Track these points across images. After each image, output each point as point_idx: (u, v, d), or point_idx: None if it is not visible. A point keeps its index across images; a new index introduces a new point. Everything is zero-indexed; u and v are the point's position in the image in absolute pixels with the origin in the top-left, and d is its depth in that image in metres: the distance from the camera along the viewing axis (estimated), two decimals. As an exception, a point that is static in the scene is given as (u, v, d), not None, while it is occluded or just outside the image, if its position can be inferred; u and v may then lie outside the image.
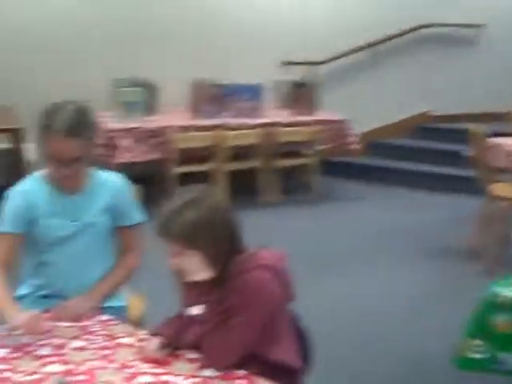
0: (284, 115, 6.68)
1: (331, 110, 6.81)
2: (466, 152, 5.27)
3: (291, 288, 2.09)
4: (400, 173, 7.35)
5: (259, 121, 6.36)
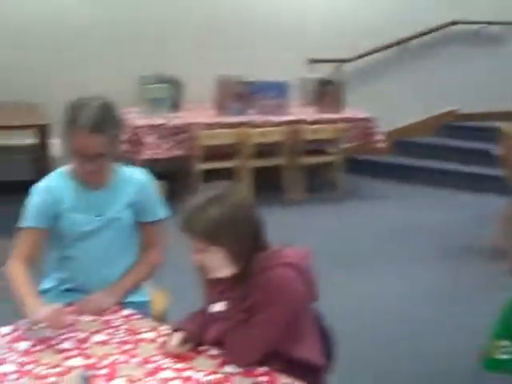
0: (310, 113, 6.64)
1: (357, 108, 6.77)
2: (494, 150, 5.21)
3: (315, 286, 2.07)
4: (426, 171, 7.27)
5: (285, 118, 6.32)
